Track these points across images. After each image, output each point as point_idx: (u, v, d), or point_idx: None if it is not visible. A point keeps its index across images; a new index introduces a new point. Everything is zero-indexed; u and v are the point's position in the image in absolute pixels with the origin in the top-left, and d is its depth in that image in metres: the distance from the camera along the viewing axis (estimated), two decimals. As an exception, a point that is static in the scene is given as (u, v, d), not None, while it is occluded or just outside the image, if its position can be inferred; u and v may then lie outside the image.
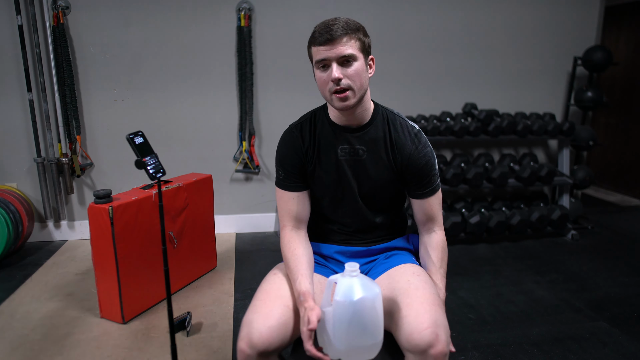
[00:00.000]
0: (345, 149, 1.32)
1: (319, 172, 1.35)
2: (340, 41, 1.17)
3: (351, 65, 1.19)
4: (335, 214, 1.40)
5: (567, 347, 2.03)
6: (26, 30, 2.93)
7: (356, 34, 1.20)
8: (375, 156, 1.32)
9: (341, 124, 1.32)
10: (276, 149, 1.39)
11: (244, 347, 1.14)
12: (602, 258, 3.03)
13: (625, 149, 4.59)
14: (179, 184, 2.43)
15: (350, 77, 1.19)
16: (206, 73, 3.18)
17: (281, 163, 1.36)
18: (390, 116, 1.35)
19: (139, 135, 1.47)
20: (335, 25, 1.18)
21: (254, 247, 3.18)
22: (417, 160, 1.32)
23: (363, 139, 1.32)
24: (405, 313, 1.15)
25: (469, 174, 3.22)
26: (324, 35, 1.18)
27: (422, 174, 1.33)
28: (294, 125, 1.38)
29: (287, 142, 1.36)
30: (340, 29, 1.17)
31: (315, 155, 1.34)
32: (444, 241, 1.38)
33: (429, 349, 1.08)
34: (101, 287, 2.15)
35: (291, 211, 1.36)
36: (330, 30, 1.17)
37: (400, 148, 1.32)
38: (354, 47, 1.19)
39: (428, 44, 3.39)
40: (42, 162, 3.05)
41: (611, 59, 3.46)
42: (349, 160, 1.33)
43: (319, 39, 1.19)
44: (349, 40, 1.18)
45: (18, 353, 1.92)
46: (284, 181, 1.36)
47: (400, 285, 1.25)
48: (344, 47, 1.18)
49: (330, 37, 1.17)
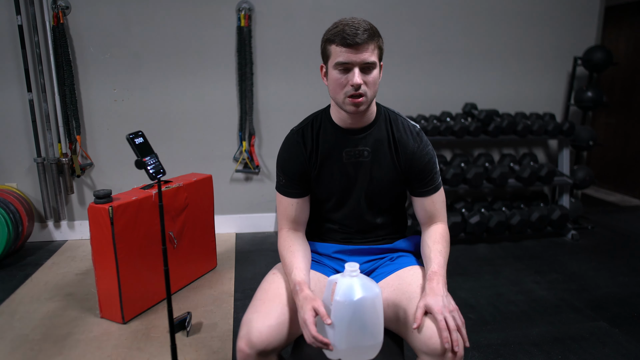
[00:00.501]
0: (350, 151, 1.32)
1: (324, 176, 1.34)
2: (366, 47, 1.16)
3: (371, 72, 1.19)
4: (337, 214, 1.40)
5: (567, 347, 2.03)
6: (26, 30, 2.93)
7: (378, 41, 1.19)
8: (380, 157, 1.32)
9: (345, 127, 1.31)
10: (277, 154, 1.38)
11: (244, 347, 1.14)
12: (602, 258, 3.03)
13: (625, 149, 4.59)
14: (179, 184, 2.43)
15: (368, 84, 1.19)
16: (206, 73, 3.18)
17: (282, 169, 1.35)
18: (392, 116, 1.35)
19: (139, 135, 1.47)
20: (361, 28, 1.15)
21: (254, 247, 3.18)
22: (419, 158, 1.32)
23: (367, 140, 1.32)
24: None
25: (469, 174, 3.22)
26: (351, 38, 1.14)
27: (424, 172, 1.33)
28: (295, 130, 1.37)
29: (289, 148, 1.35)
30: (367, 33, 1.15)
31: (319, 160, 1.33)
32: (444, 229, 1.35)
33: (447, 353, 1.09)
34: (101, 287, 2.15)
35: (290, 215, 1.36)
36: (357, 33, 1.14)
37: (404, 147, 1.32)
38: (376, 54, 1.19)
39: (428, 44, 3.39)
40: (42, 162, 3.05)
41: (611, 59, 3.46)
42: (354, 162, 1.33)
43: (344, 40, 1.15)
44: (373, 47, 1.17)
45: (18, 353, 1.92)
46: (285, 187, 1.36)
47: (412, 289, 1.25)
48: (369, 53, 1.16)
49: (359, 41, 1.14)
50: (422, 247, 1.35)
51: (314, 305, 1.09)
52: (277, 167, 1.38)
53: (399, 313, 1.23)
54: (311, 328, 1.07)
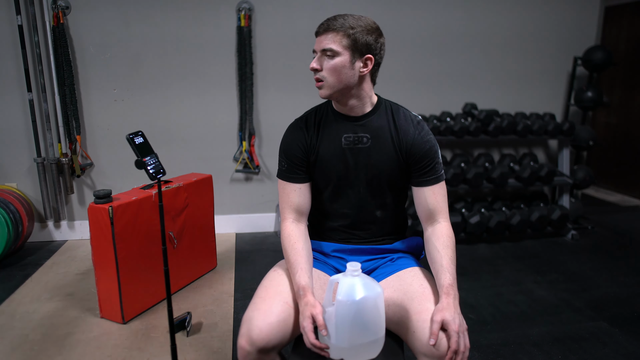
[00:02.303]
0: (350, 137, 1.33)
1: (323, 161, 1.35)
2: (327, 35, 1.23)
3: (331, 60, 1.24)
4: (337, 204, 1.39)
5: (567, 347, 2.03)
6: (26, 30, 2.93)
7: (349, 31, 1.22)
8: (380, 144, 1.33)
9: (344, 113, 1.35)
10: (280, 141, 1.40)
11: (244, 344, 1.14)
12: (602, 258, 3.03)
13: (625, 149, 4.59)
14: (179, 184, 2.43)
15: (326, 69, 1.25)
16: (206, 73, 3.18)
17: (285, 153, 1.37)
18: (393, 107, 1.37)
19: (139, 135, 1.47)
20: (334, 19, 1.24)
21: (254, 247, 3.18)
22: (420, 145, 1.32)
23: (368, 127, 1.33)
24: (425, 317, 1.15)
25: (469, 174, 3.22)
26: (319, 27, 1.26)
27: (425, 159, 1.32)
28: (298, 118, 1.41)
29: (292, 132, 1.39)
30: (335, 23, 1.23)
31: (318, 143, 1.35)
32: (450, 231, 1.31)
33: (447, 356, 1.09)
34: (101, 287, 2.15)
35: (293, 203, 1.36)
36: (326, 23, 1.25)
37: (404, 134, 1.33)
38: (340, 43, 1.23)
39: (428, 44, 3.40)
40: (42, 162, 3.05)
41: (611, 59, 3.46)
42: (353, 148, 1.33)
43: (316, 30, 1.27)
44: (336, 36, 1.23)
45: (18, 353, 1.92)
46: (287, 172, 1.37)
47: (413, 289, 1.25)
48: (328, 41, 1.23)
49: (320, 30, 1.25)
50: (430, 249, 1.29)
51: (313, 313, 1.10)
52: (279, 153, 1.39)
53: (399, 313, 1.23)
54: (310, 335, 1.09)
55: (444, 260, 1.23)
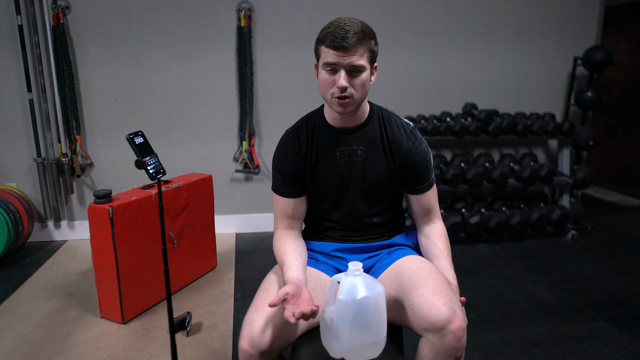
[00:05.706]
0: (344, 150, 1.32)
1: (319, 176, 1.35)
2: (354, 51, 1.16)
3: (359, 75, 1.19)
4: (334, 215, 1.40)
5: (567, 347, 2.03)
6: (26, 30, 2.93)
7: (369, 44, 1.19)
8: (374, 155, 1.33)
9: (338, 126, 1.32)
10: (273, 155, 1.39)
11: (246, 346, 1.14)
12: (602, 258, 3.03)
13: (625, 149, 4.59)
14: (179, 184, 2.43)
15: (355, 86, 1.19)
16: (206, 73, 3.18)
17: (278, 170, 1.36)
18: (385, 115, 1.36)
19: (139, 135, 1.47)
20: (351, 31, 1.15)
21: (254, 247, 3.18)
22: (414, 155, 1.33)
23: (361, 139, 1.32)
24: (422, 292, 1.15)
25: (469, 174, 3.22)
26: (339, 41, 1.14)
27: (419, 169, 1.34)
28: (289, 131, 1.37)
29: (284, 148, 1.36)
30: (357, 37, 1.15)
31: (313, 160, 1.34)
32: (445, 230, 1.42)
33: (448, 325, 1.08)
34: (101, 287, 2.15)
35: (286, 215, 1.37)
36: (346, 37, 1.14)
37: (398, 145, 1.33)
38: (365, 57, 1.19)
39: (428, 44, 3.39)
40: (42, 162, 3.05)
41: (611, 59, 3.46)
42: (348, 161, 1.33)
43: (332, 43, 1.15)
44: (363, 51, 1.17)
45: (18, 353, 1.92)
46: (281, 187, 1.36)
47: (412, 270, 1.26)
48: (357, 57, 1.16)
49: (346, 44, 1.14)
50: (430, 246, 1.38)
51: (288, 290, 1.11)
52: (272, 167, 1.38)
53: (398, 296, 1.23)
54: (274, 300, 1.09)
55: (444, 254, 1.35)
